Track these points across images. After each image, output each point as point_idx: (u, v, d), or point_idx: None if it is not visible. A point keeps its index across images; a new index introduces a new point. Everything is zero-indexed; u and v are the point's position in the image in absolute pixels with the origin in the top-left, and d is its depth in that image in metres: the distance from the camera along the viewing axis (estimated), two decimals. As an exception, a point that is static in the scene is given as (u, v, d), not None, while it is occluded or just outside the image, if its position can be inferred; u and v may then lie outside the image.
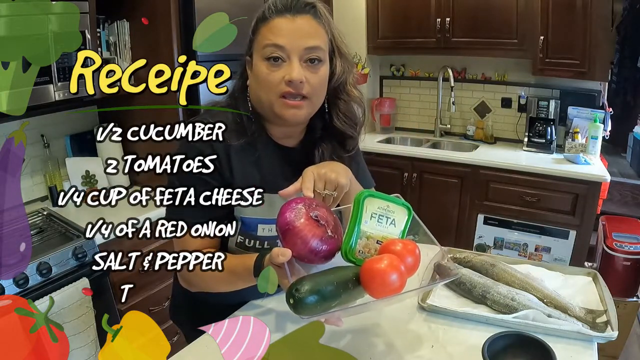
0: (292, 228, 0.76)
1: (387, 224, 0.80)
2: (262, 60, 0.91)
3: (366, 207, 0.79)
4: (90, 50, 0.79)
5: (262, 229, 0.98)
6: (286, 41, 0.89)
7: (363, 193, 0.80)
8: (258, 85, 0.94)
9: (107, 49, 1.98)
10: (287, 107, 0.92)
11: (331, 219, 0.81)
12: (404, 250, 0.75)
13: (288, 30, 0.90)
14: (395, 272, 0.70)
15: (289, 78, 0.89)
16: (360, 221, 0.78)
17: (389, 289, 0.71)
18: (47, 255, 1.52)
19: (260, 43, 0.92)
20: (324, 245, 0.77)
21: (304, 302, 0.69)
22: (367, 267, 0.73)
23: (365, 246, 0.79)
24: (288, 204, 0.80)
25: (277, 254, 0.74)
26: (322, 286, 0.71)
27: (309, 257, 0.77)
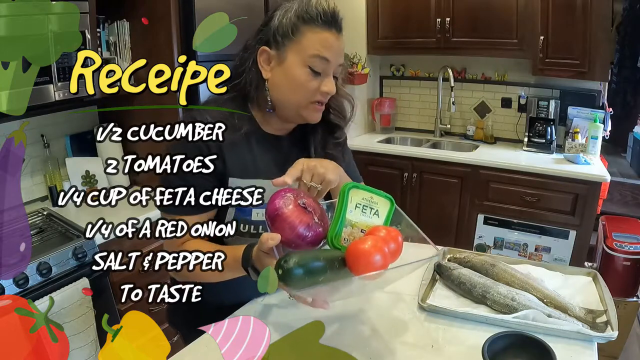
0: (281, 214, 0.80)
1: (371, 214, 0.84)
2: (304, 67, 0.95)
3: (351, 198, 0.83)
4: (90, 50, 0.78)
5: (257, 213, 1.01)
6: (332, 58, 0.96)
7: (348, 184, 0.84)
8: (292, 87, 0.97)
9: (107, 49, 1.98)
10: (314, 112, 1.00)
11: (318, 208, 0.85)
12: (388, 236, 0.78)
13: (335, 47, 0.96)
14: (379, 252, 0.74)
15: (326, 90, 0.97)
16: (346, 210, 0.82)
17: (372, 267, 0.74)
18: (47, 255, 1.52)
19: (305, 48, 0.95)
20: (310, 231, 0.81)
21: (291, 272, 0.72)
22: (352, 247, 0.76)
23: (350, 234, 0.82)
24: (277, 192, 0.83)
25: (267, 239, 0.78)
26: (310, 261, 0.74)
27: (297, 242, 0.81)
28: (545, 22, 2.61)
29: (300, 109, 0.99)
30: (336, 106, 1.08)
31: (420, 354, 0.91)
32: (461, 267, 1.13)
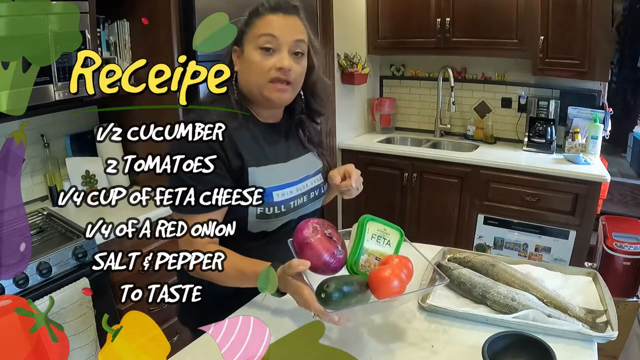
0: (309, 243, 0.91)
1: (384, 244, 0.97)
2: (256, 49, 1.04)
3: (368, 229, 0.95)
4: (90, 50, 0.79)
5: (277, 194, 1.09)
6: (279, 33, 1.04)
7: (366, 217, 0.96)
8: (249, 71, 1.06)
9: (107, 49, 1.98)
10: (275, 91, 1.06)
11: (340, 238, 0.96)
12: (401, 264, 0.90)
13: (280, 24, 1.04)
14: (397, 279, 0.86)
15: (279, 65, 1.03)
16: (364, 240, 0.94)
17: (392, 292, 0.86)
18: (47, 255, 1.52)
19: (254, 34, 1.05)
20: (334, 259, 0.91)
21: (332, 296, 0.83)
22: (374, 275, 0.88)
23: (367, 261, 0.94)
24: (305, 223, 0.94)
25: (297, 264, 0.88)
26: (345, 286, 0.85)
27: (322, 268, 0.91)
28: (545, 22, 2.61)
29: (262, 90, 1.06)
30: (321, 94, 1.19)
31: (420, 354, 0.91)
32: (461, 267, 1.13)
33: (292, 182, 1.13)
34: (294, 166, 1.16)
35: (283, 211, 1.10)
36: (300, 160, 1.18)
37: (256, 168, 1.07)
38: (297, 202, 1.14)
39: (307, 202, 1.18)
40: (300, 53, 1.08)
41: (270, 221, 1.10)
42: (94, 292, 1.53)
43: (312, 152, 1.23)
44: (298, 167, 1.17)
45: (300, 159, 1.18)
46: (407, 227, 3.00)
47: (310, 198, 1.19)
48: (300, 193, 1.15)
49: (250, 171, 1.06)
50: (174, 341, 1.96)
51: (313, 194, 1.19)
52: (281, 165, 1.12)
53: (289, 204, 1.11)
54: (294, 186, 1.13)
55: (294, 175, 1.14)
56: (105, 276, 1.62)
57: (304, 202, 1.16)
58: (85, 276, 1.58)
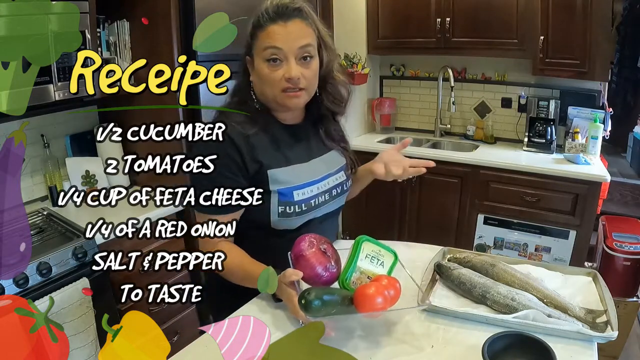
0: (304, 255, 0.95)
1: (377, 264, 1.00)
2: (263, 62, 1.06)
3: (363, 248, 0.99)
4: (90, 50, 0.79)
5: (297, 194, 1.12)
6: (282, 44, 1.04)
7: (362, 237, 1.00)
8: (261, 82, 1.09)
9: (107, 49, 1.98)
10: (289, 98, 1.08)
11: (334, 253, 1.00)
12: (388, 284, 0.94)
13: (282, 34, 1.04)
14: (381, 296, 0.90)
15: (288, 76, 1.05)
16: (357, 258, 0.98)
17: (375, 307, 0.89)
18: (47, 255, 1.52)
19: (259, 47, 1.06)
20: (326, 272, 0.96)
21: (312, 303, 0.86)
22: (359, 290, 0.92)
23: (358, 279, 0.97)
24: (303, 237, 0.99)
25: (291, 274, 0.93)
26: (326, 296, 0.89)
27: (314, 280, 0.95)
28: (545, 22, 2.61)
29: (277, 99, 1.09)
30: (333, 93, 1.19)
31: (420, 354, 0.91)
32: (461, 267, 1.13)
33: (312, 181, 1.16)
34: (314, 165, 1.18)
35: (304, 210, 1.13)
36: (321, 159, 1.20)
37: (276, 170, 1.10)
38: (319, 200, 1.16)
39: (329, 200, 1.20)
40: (309, 56, 1.07)
41: (292, 219, 1.13)
42: (94, 292, 1.53)
43: (334, 149, 1.25)
44: (319, 165, 1.19)
45: (321, 158, 1.21)
46: (407, 227, 3.04)
47: (333, 196, 1.21)
48: (321, 191, 1.17)
49: (270, 173, 1.09)
50: (174, 341, 1.96)
51: (335, 192, 1.21)
52: (301, 165, 1.15)
53: (309, 202, 1.14)
54: (315, 185, 1.16)
55: (314, 174, 1.17)
56: (105, 276, 1.62)
57: (325, 200, 1.18)
58: (85, 276, 1.58)
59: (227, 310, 1.01)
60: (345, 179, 1.25)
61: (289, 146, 1.15)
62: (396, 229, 3.06)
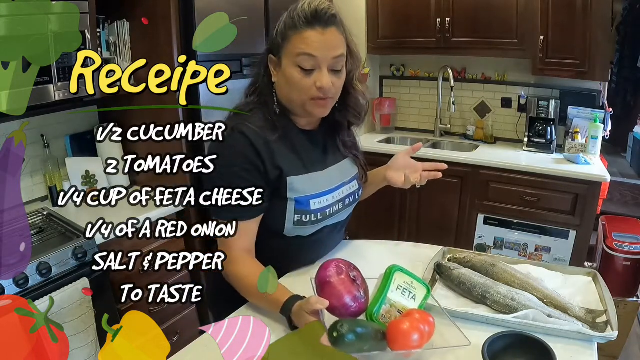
0: (331, 282, 0.88)
1: (409, 297, 0.92)
2: (295, 67, 1.03)
3: (395, 279, 0.92)
4: (90, 50, 0.79)
5: (314, 203, 1.11)
6: (318, 52, 1.01)
7: (394, 267, 0.93)
8: (290, 87, 1.05)
9: (107, 49, 1.98)
10: (316, 107, 1.06)
11: (364, 282, 0.93)
12: (422, 319, 0.86)
13: (319, 42, 1.00)
14: (417, 332, 0.82)
15: (320, 85, 1.02)
16: (388, 290, 0.90)
17: (410, 345, 0.82)
18: (47, 255, 1.52)
19: (292, 50, 1.02)
20: (355, 302, 0.88)
21: (345, 337, 0.79)
22: (393, 325, 0.85)
23: (388, 312, 0.90)
24: (330, 262, 0.92)
25: (315, 302, 0.86)
26: (360, 330, 0.81)
27: (341, 310, 0.88)
28: (545, 22, 2.61)
29: (304, 105, 1.06)
30: (350, 102, 1.16)
31: (420, 354, 0.91)
32: (461, 267, 1.13)
33: (329, 190, 1.15)
34: (331, 174, 1.17)
35: (319, 219, 1.12)
36: (337, 167, 1.19)
37: (295, 177, 1.08)
38: (333, 209, 1.16)
39: (342, 209, 1.20)
40: (340, 67, 1.05)
41: (307, 228, 1.12)
42: (94, 292, 1.53)
43: (347, 158, 1.24)
44: (335, 174, 1.18)
45: (336, 166, 1.19)
46: (407, 227, 3.04)
47: (345, 205, 1.21)
48: (336, 200, 1.17)
49: (289, 180, 1.07)
50: (174, 341, 1.96)
51: (348, 201, 1.21)
52: (319, 174, 1.13)
53: (325, 211, 1.13)
54: (331, 194, 1.15)
55: (331, 182, 1.16)
56: (105, 276, 1.62)
57: (339, 209, 1.18)
58: (85, 276, 1.58)
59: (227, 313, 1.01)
60: (357, 189, 1.25)
61: (307, 153, 1.13)
62: (396, 229, 3.06)
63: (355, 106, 1.17)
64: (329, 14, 1.01)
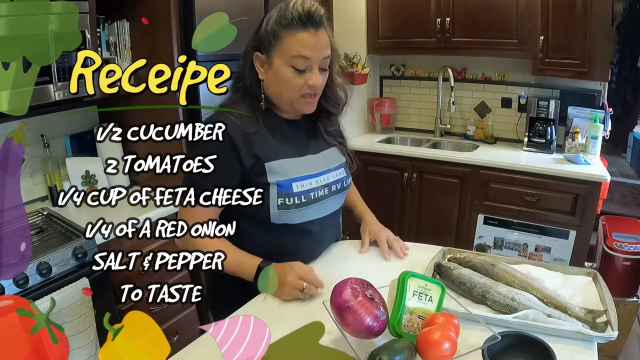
0: (350, 307, 0.85)
1: (426, 301, 0.92)
2: (287, 66, 1.07)
3: (409, 286, 0.90)
4: (90, 50, 0.79)
5: (296, 185, 1.13)
6: (311, 54, 1.06)
7: (407, 273, 0.91)
8: (280, 85, 1.10)
9: (107, 49, 1.98)
10: (306, 104, 1.12)
11: (380, 298, 0.90)
12: (447, 322, 0.86)
13: (313, 44, 1.05)
14: (447, 340, 0.81)
15: (312, 84, 1.08)
16: (405, 298, 0.89)
17: (443, 355, 0.80)
18: (47, 255, 1.52)
19: (287, 51, 1.06)
20: (376, 322, 0.86)
21: None
22: (424, 338, 0.83)
23: (409, 320, 0.89)
24: (343, 283, 0.88)
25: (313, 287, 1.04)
26: (397, 355, 0.80)
27: (365, 333, 0.86)
28: (545, 22, 2.61)
29: (293, 103, 1.12)
30: (332, 95, 1.21)
31: (420, 354, 0.91)
32: (461, 267, 1.13)
33: (311, 174, 1.17)
34: (313, 160, 1.19)
35: (303, 201, 1.13)
36: (320, 155, 1.22)
37: (274, 162, 1.11)
38: (318, 193, 1.17)
39: (329, 195, 1.20)
40: (327, 67, 1.11)
41: (292, 212, 1.13)
42: (94, 292, 1.53)
43: (335, 147, 1.27)
44: (318, 161, 1.20)
45: (320, 154, 1.22)
46: (407, 227, 3.04)
47: (332, 191, 1.21)
48: (320, 185, 1.18)
49: (267, 165, 1.10)
50: (174, 341, 1.96)
51: (335, 187, 1.22)
52: (299, 159, 1.16)
53: (309, 194, 1.14)
54: (314, 178, 1.17)
55: (313, 167, 1.18)
56: (105, 276, 1.62)
57: (325, 195, 1.19)
58: (85, 276, 1.58)
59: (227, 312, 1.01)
60: (345, 176, 1.26)
61: (288, 140, 1.17)
62: (396, 229, 3.03)
63: (335, 97, 1.21)
64: (320, 15, 1.06)
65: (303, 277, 1.07)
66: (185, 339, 1.11)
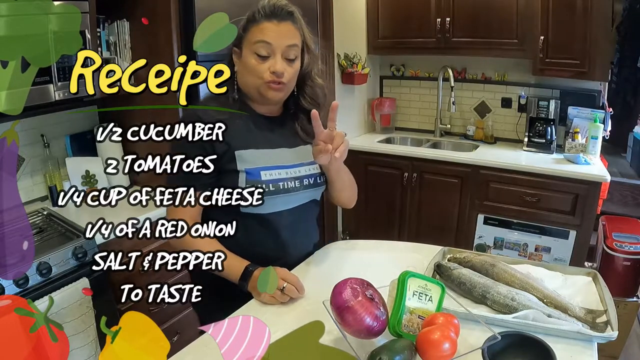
0: (350, 307, 0.85)
1: (426, 300, 0.92)
2: (252, 54, 1.13)
3: (409, 286, 0.91)
4: (90, 50, 0.79)
5: (264, 174, 1.16)
6: (272, 40, 1.12)
7: (407, 273, 0.92)
8: (247, 73, 1.16)
9: (107, 49, 1.98)
10: (270, 90, 1.15)
11: (380, 297, 0.91)
12: (447, 322, 0.86)
13: (274, 32, 1.12)
14: (447, 340, 0.81)
15: (273, 69, 1.13)
16: (405, 298, 0.90)
17: (443, 355, 0.81)
18: (47, 255, 1.52)
19: (250, 40, 1.13)
20: (377, 322, 0.87)
21: None
22: (423, 338, 0.83)
23: (409, 320, 0.90)
24: (343, 283, 0.89)
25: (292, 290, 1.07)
26: (397, 355, 0.81)
27: (365, 333, 0.86)
28: (545, 22, 2.61)
29: (259, 89, 1.16)
30: (310, 94, 1.25)
31: (420, 354, 0.91)
32: (461, 267, 1.13)
33: (282, 165, 1.19)
34: (286, 152, 1.22)
35: (272, 190, 1.16)
36: (295, 149, 1.24)
37: (244, 151, 1.15)
38: (288, 184, 1.19)
39: (301, 188, 1.21)
40: (293, 56, 1.15)
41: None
42: (94, 292, 1.53)
43: (310, 144, 1.23)
44: (290, 154, 1.22)
45: (295, 149, 1.24)
46: (407, 227, 3.04)
47: (305, 185, 1.22)
48: (291, 177, 1.20)
49: (237, 153, 1.14)
50: (174, 341, 1.96)
51: (307, 182, 1.22)
52: (272, 150, 1.19)
53: (278, 184, 1.17)
54: (284, 169, 1.19)
55: (284, 160, 1.20)
56: (105, 276, 1.62)
57: (296, 187, 1.20)
58: (85, 276, 1.57)
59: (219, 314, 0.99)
60: (318, 172, 1.25)
61: (262, 133, 1.20)
62: (396, 229, 3.06)
63: (314, 96, 1.25)
64: (286, 10, 1.14)
65: (284, 277, 1.07)
66: (185, 339, 1.10)
